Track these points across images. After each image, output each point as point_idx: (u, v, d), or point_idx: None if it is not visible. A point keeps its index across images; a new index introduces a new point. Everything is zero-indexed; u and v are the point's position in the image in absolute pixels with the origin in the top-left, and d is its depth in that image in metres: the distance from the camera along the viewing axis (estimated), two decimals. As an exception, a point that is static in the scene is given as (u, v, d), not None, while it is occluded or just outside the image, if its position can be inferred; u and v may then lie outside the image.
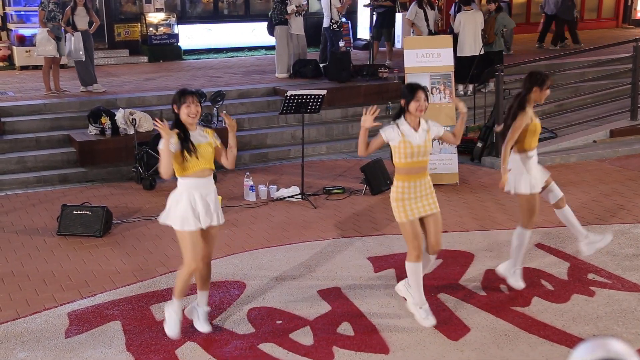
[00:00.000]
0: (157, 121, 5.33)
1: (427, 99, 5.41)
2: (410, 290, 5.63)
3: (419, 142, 5.39)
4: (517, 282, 6.13)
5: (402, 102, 5.47)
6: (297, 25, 13.64)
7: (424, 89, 5.44)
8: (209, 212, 5.27)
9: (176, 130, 5.25)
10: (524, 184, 5.92)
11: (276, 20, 13.39)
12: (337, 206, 8.58)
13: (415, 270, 5.48)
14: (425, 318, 5.53)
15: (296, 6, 13.51)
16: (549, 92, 6.06)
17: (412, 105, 5.37)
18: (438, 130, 5.55)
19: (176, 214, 5.23)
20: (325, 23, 14.14)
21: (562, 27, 17.26)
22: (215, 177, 9.49)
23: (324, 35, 14.30)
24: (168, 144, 5.11)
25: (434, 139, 5.59)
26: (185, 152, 5.18)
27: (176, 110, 5.33)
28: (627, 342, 5.27)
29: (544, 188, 6.12)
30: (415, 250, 5.42)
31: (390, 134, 5.40)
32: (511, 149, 5.97)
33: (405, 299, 5.73)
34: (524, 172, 5.92)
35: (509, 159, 5.96)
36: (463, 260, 6.81)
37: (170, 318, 5.38)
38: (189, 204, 5.20)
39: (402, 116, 5.46)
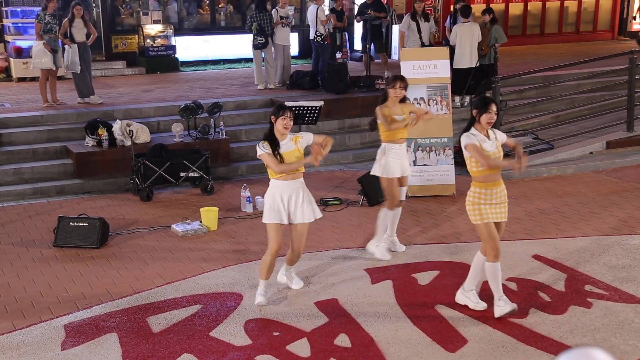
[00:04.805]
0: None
1: (497, 112, 5.85)
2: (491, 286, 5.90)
3: (493, 149, 5.74)
4: (385, 255, 7.14)
5: (474, 112, 5.82)
6: (282, 36, 13.70)
7: (496, 102, 5.88)
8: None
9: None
10: (379, 168, 7.10)
11: (270, 32, 13.41)
12: (334, 217, 8.58)
13: (494, 270, 5.77)
14: (504, 306, 5.79)
15: (281, 17, 13.56)
16: (400, 90, 7.05)
17: (484, 117, 5.73)
18: (502, 137, 5.90)
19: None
20: (310, 35, 14.25)
21: None
22: (212, 188, 9.57)
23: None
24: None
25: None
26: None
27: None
28: (624, 353, 5.26)
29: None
30: (493, 250, 5.72)
31: (471, 139, 5.71)
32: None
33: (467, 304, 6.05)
34: (382, 159, 7.07)
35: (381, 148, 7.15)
36: (460, 272, 6.80)
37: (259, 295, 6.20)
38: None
39: (472, 127, 5.80)
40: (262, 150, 5.97)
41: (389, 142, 7.11)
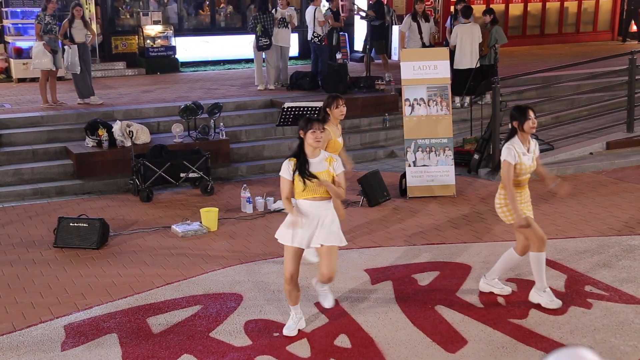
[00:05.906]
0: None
1: (536, 116, 5.91)
2: (537, 277, 6.05)
3: (530, 163, 5.94)
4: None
5: (515, 123, 5.91)
6: (280, 37, 13.69)
7: (533, 109, 5.91)
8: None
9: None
10: None
11: (272, 33, 13.42)
12: (334, 218, 8.56)
13: (539, 260, 5.94)
14: (551, 301, 5.95)
15: (279, 18, 13.56)
16: (344, 107, 6.88)
17: (526, 125, 5.85)
18: (537, 152, 6.04)
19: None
20: (308, 36, 14.26)
21: None
22: (212, 189, 9.57)
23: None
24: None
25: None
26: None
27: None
28: (624, 354, 5.25)
29: None
30: (538, 239, 5.92)
31: (510, 156, 5.85)
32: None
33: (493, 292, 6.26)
34: None
35: None
36: (460, 272, 6.80)
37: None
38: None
39: (515, 136, 5.91)
40: (283, 170, 5.44)
41: None
